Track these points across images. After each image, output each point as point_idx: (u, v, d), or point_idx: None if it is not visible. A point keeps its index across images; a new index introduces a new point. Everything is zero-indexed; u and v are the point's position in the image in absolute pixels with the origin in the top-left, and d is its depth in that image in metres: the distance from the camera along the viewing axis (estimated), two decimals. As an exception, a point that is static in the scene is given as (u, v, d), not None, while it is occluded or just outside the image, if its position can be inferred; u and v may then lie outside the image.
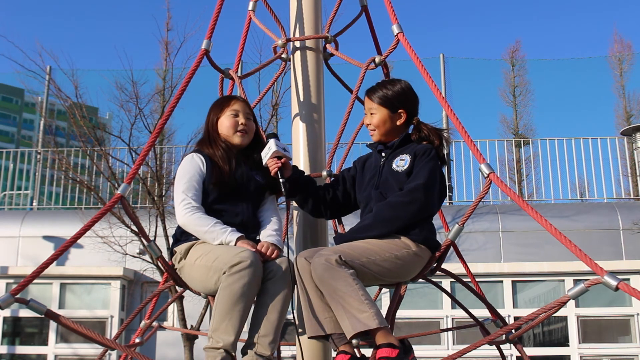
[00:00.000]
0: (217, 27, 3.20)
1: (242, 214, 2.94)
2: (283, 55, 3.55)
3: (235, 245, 2.76)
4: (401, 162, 2.86)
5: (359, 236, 2.75)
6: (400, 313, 3.74)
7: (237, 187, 2.95)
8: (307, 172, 3.29)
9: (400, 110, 2.95)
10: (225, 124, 3.05)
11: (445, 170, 3.05)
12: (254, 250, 2.72)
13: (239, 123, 3.05)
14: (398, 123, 2.96)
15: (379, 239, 2.73)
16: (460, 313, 9.43)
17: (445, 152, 2.94)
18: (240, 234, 2.81)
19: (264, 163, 2.95)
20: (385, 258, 2.69)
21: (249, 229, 2.95)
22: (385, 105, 2.95)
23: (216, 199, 2.92)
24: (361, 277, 2.63)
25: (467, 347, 2.53)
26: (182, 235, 2.93)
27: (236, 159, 3.01)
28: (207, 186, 2.93)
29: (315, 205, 3.04)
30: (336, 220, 3.30)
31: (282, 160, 2.89)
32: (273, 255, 2.80)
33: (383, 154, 2.97)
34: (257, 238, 2.99)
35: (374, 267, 2.67)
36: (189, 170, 2.94)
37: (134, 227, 9.08)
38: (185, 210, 2.85)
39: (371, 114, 2.99)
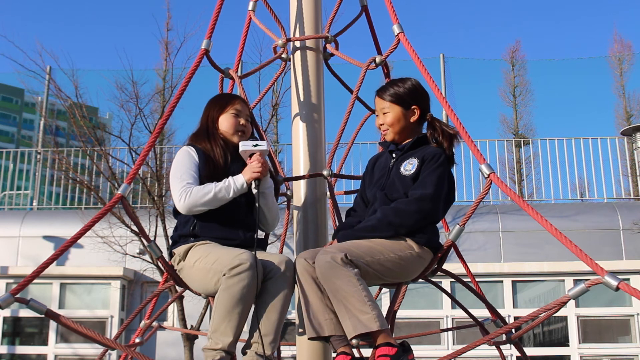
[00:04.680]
0: (217, 27, 3.20)
1: (238, 211, 2.93)
2: (283, 55, 3.55)
3: (243, 180, 2.86)
4: (409, 166, 2.83)
5: (363, 236, 2.75)
6: (400, 313, 3.74)
7: None
8: (307, 172, 3.29)
9: (413, 107, 2.93)
10: (226, 122, 3.06)
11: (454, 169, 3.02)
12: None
13: (240, 124, 3.07)
14: (412, 120, 2.94)
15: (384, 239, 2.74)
16: (460, 313, 9.42)
17: (454, 151, 2.92)
18: (240, 175, 2.87)
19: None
20: (388, 258, 2.69)
21: (248, 226, 2.95)
22: (398, 102, 2.93)
23: None
24: (364, 276, 2.62)
25: (466, 347, 2.52)
26: (180, 238, 2.92)
27: (232, 155, 3.02)
28: (201, 180, 2.92)
29: None
30: (336, 220, 3.30)
31: (254, 165, 2.90)
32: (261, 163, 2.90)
33: (394, 155, 2.96)
34: (256, 237, 2.99)
35: (377, 267, 2.67)
36: (186, 160, 2.94)
37: (134, 227, 9.08)
38: (184, 189, 2.83)
39: (383, 113, 2.96)
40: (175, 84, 11.30)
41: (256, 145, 2.94)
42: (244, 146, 2.94)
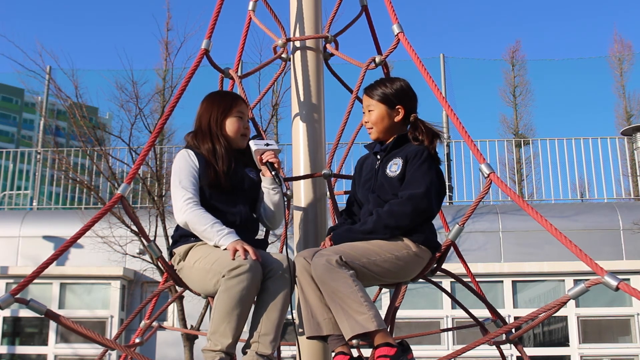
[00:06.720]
0: (217, 27, 3.20)
1: (239, 214, 2.93)
2: (283, 55, 3.55)
3: (226, 249, 2.70)
4: (394, 167, 2.84)
5: (360, 239, 2.75)
6: (400, 313, 3.74)
7: (233, 187, 2.95)
8: (307, 172, 3.29)
9: (398, 107, 2.94)
10: (232, 126, 3.02)
11: (444, 168, 3.04)
12: (251, 252, 2.69)
13: (244, 127, 3.07)
14: (396, 119, 2.94)
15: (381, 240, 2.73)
16: (460, 313, 9.42)
17: (445, 151, 2.94)
18: (234, 239, 2.73)
19: (258, 166, 3.02)
20: (385, 259, 2.68)
21: (249, 228, 2.95)
22: (383, 101, 2.94)
23: (213, 197, 2.91)
24: (361, 278, 2.63)
25: (466, 347, 2.52)
26: (180, 238, 2.91)
27: (235, 159, 3.01)
28: (201, 184, 2.91)
29: None
30: (336, 220, 3.30)
31: (266, 154, 2.96)
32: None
33: (378, 157, 2.96)
34: (257, 238, 2.98)
35: (374, 268, 2.67)
36: (185, 166, 2.91)
37: (134, 227, 9.07)
38: (188, 207, 2.81)
39: (369, 111, 2.98)
40: (175, 84, 11.29)
41: (267, 144, 2.99)
42: (257, 145, 2.97)
